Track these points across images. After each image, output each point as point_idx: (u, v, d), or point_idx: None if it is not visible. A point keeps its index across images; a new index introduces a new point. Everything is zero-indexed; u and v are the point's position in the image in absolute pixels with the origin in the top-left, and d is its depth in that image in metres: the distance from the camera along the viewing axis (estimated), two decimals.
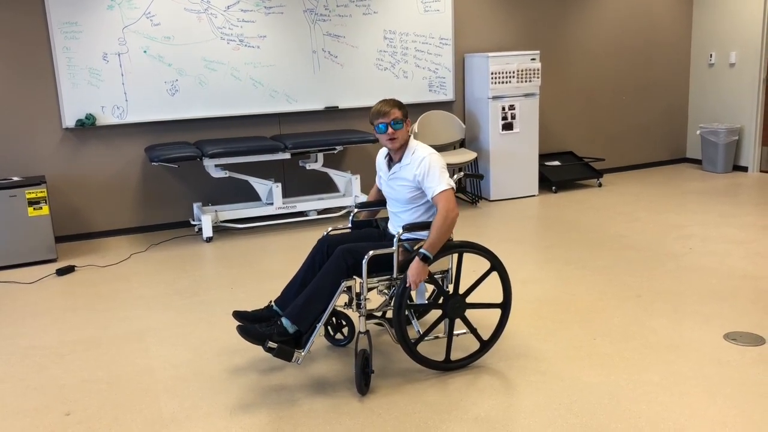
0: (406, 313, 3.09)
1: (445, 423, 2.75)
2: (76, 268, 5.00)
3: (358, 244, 3.10)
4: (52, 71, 5.49)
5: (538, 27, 7.17)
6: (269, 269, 4.82)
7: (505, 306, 3.26)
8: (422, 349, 3.18)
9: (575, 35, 7.37)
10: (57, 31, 5.42)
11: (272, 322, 3.03)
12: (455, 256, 3.19)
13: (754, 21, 7.24)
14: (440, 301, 3.19)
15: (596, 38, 7.47)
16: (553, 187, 6.96)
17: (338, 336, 3.57)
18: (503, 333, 3.43)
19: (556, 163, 7.23)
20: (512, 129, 6.64)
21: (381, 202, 3.47)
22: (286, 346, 2.92)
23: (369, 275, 3.01)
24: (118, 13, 5.57)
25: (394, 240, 3.06)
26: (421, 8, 6.56)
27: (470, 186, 6.86)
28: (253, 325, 3.00)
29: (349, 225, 3.50)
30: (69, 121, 5.58)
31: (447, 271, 3.25)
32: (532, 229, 5.62)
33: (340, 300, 3.09)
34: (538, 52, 6.67)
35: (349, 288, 3.04)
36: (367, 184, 6.58)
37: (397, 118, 3.10)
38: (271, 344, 2.88)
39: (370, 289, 3.08)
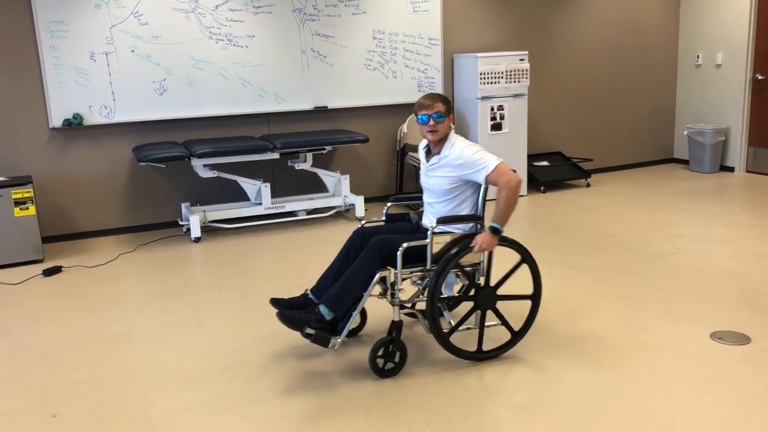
0: (438, 304, 3.17)
1: (429, 426, 2.75)
2: (63, 269, 4.97)
3: (393, 236, 3.19)
4: (38, 70, 5.45)
5: (526, 27, 7.20)
6: (258, 269, 4.81)
7: (535, 297, 3.36)
8: (453, 340, 3.22)
9: (564, 36, 7.40)
10: (44, 30, 5.38)
11: (309, 310, 3.11)
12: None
13: (740, 22, 7.30)
14: (472, 294, 3.26)
15: (584, 39, 7.51)
16: (542, 188, 6.99)
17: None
18: (487, 333, 3.44)
19: (545, 163, 7.26)
20: (501, 129, 6.66)
21: (419, 196, 3.58)
22: (324, 333, 3.02)
23: (403, 266, 3.10)
24: (106, 12, 5.54)
25: (428, 233, 3.13)
26: (410, 8, 6.57)
27: None
28: (292, 312, 3.09)
29: (383, 218, 3.59)
30: (56, 121, 5.54)
31: (479, 264, 3.28)
32: (521, 230, 5.63)
33: (375, 290, 3.16)
34: (526, 52, 6.69)
35: (383, 279, 3.12)
36: (356, 183, 6.59)
37: (440, 112, 3.20)
38: (309, 330, 2.99)
39: (403, 280, 3.16)
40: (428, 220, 3.34)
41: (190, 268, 4.91)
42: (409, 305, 3.27)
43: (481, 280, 3.27)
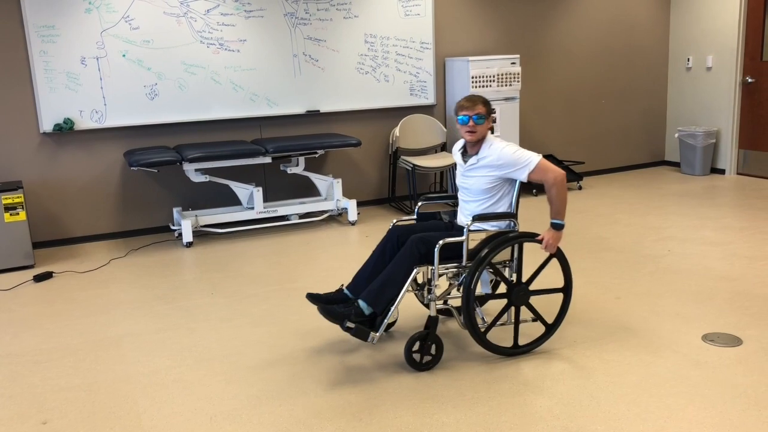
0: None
1: (425, 428, 2.74)
2: (54, 275, 4.94)
3: (431, 233, 3.26)
4: (29, 75, 5.43)
5: (518, 31, 7.22)
6: (250, 274, 4.80)
7: (566, 290, 3.43)
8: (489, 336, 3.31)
9: (555, 39, 7.42)
10: (34, 34, 5.36)
11: (349, 304, 3.18)
12: (513, 249, 3.35)
13: (730, 25, 7.34)
14: (506, 291, 3.32)
15: (576, 42, 7.53)
16: (534, 191, 7.00)
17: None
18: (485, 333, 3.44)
19: None
20: (493, 133, 6.65)
21: (453, 195, 3.68)
22: (363, 327, 3.09)
23: (440, 262, 3.16)
24: (96, 16, 5.52)
25: (464, 230, 3.20)
26: (401, 12, 6.58)
27: (452, 190, 6.88)
28: (333, 306, 3.15)
29: (414, 217, 3.66)
30: (46, 126, 5.51)
31: (506, 261, 3.34)
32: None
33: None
34: (518, 56, 6.71)
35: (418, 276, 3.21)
36: (349, 187, 6.59)
37: (481, 113, 3.27)
38: (350, 324, 3.06)
39: (440, 276, 3.22)
40: (464, 218, 3.41)
41: (182, 273, 4.90)
42: (442, 301, 3.35)
43: (513, 277, 3.35)
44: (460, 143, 3.51)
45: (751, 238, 5.17)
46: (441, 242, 3.14)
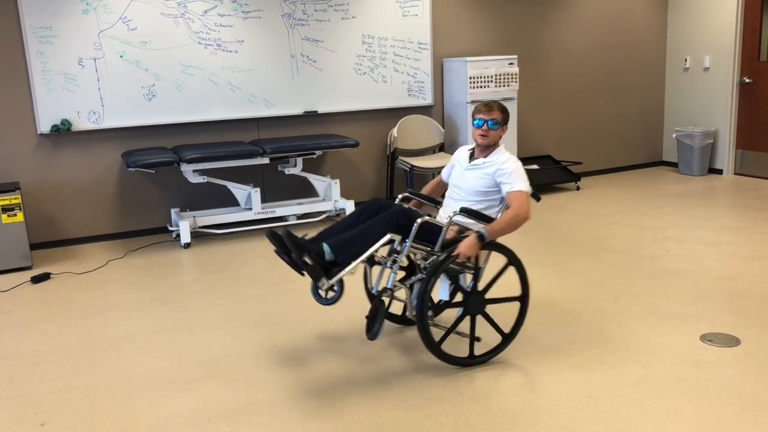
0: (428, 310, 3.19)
1: (424, 428, 2.74)
2: (51, 276, 4.93)
3: (415, 209, 3.24)
4: (26, 76, 5.42)
5: (515, 32, 7.22)
6: (248, 275, 4.79)
7: (523, 299, 3.35)
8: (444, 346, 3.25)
9: (552, 40, 7.43)
10: (31, 35, 5.36)
11: (312, 243, 3.09)
12: (488, 255, 3.31)
13: (727, 25, 7.35)
14: (461, 299, 3.27)
15: (573, 43, 7.54)
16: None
17: (329, 294, 3.50)
18: (484, 336, 3.44)
19: (535, 167, 7.28)
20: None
21: (433, 199, 3.64)
22: (320, 268, 3.00)
23: (414, 240, 3.12)
24: (94, 17, 5.52)
25: (448, 217, 3.19)
26: (399, 13, 6.58)
27: None
28: (297, 236, 3.04)
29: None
30: (44, 127, 5.51)
31: (479, 268, 3.29)
32: (510, 234, 5.63)
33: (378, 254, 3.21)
34: (516, 56, 6.71)
35: (391, 242, 3.13)
36: (347, 188, 6.59)
37: (497, 119, 3.31)
38: (308, 259, 2.97)
39: (407, 257, 3.19)
40: (446, 212, 3.39)
41: (180, 274, 4.89)
42: (394, 290, 3.25)
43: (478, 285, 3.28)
44: (471, 145, 3.51)
45: (749, 238, 5.18)
46: (421, 219, 3.11)
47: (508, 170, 3.26)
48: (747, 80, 7.31)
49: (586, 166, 7.84)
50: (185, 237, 5.54)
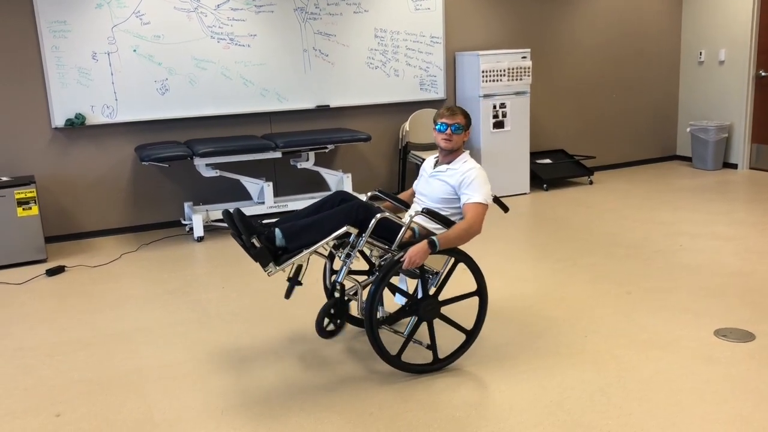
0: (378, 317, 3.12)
1: (436, 421, 2.75)
2: (66, 269, 4.98)
3: (375, 205, 3.17)
4: (41, 70, 5.46)
5: (528, 25, 7.18)
6: (260, 269, 4.80)
7: (481, 292, 3.26)
8: (405, 354, 3.19)
9: (566, 33, 7.38)
10: (46, 30, 5.39)
11: (265, 227, 3.03)
12: (448, 261, 3.23)
13: (743, 18, 7.27)
14: (412, 307, 3.16)
15: (587, 36, 7.49)
16: (545, 185, 6.98)
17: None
18: (494, 331, 3.43)
19: (548, 161, 7.25)
20: (503, 127, 6.65)
21: (405, 203, 3.56)
22: (268, 253, 2.89)
23: (371, 235, 3.03)
24: (107, 12, 5.54)
25: (407, 216, 3.14)
26: (411, 7, 6.56)
27: None
28: (249, 217, 2.96)
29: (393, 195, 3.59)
30: (58, 121, 5.54)
31: (437, 273, 3.23)
32: (523, 227, 5.63)
33: (328, 247, 3.17)
34: (528, 50, 6.67)
35: (348, 235, 3.03)
36: (359, 181, 6.59)
37: (460, 124, 3.27)
38: (256, 242, 2.88)
39: (362, 252, 3.13)
40: (409, 214, 3.29)
41: (193, 268, 4.92)
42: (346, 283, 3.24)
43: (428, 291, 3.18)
44: (435, 155, 3.44)
45: (764, 232, 5.13)
46: (381, 215, 3.02)
47: (468, 179, 3.17)
48: (763, 73, 7.23)
49: (599, 160, 7.80)
50: (198, 230, 5.56)
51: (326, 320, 3.40)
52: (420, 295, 3.17)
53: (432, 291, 3.20)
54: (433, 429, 2.70)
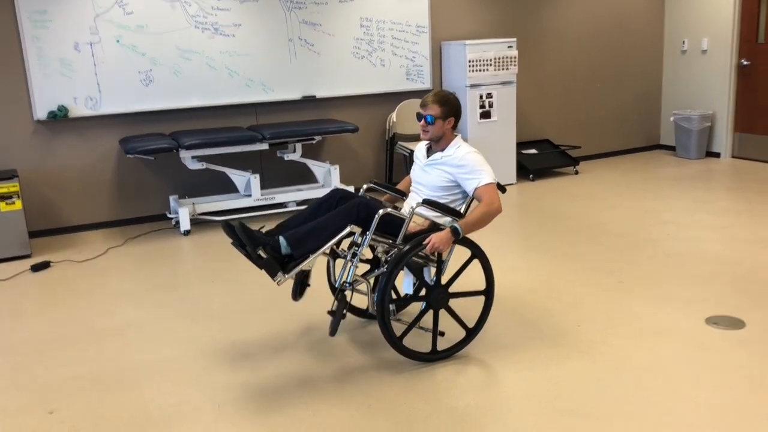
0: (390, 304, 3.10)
1: (435, 412, 2.75)
2: (51, 264, 4.90)
3: (375, 201, 3.15)
4: (21, 61, 5.35)
5: (514, 14, 7.18)
6: (249, 262, 4.76)
7: (488, 292, 3.27)
8: (407, 341, 3.17)
9: (551, 23, 7.39)
10: (26, 20, 5.28)
11: (269, 237, 3.01)
12: (451, 248, 3.20)
13: (725, 8, 7.33)
14: (424, 293, 3.18)
15: (571, 26, 7.51)
16: (531, 176, 7.00)
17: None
18: (488, 322, 3.44)
19: (533, 151, 7.27)
20: (490, 117, 6.65)
21: (402, 192, 3.53)
22: (275, 262, 2.90)
23: (375, 232, 3.02)
24: (90, 1, 5.44)
25: (410, 208, 3.11)
26: None
27: None
28: (252, 230, 2.95)
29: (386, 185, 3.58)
30: (40, 113, 5.44)
31: (444, 261, 3.21)
32: (511, 218, 5.64)
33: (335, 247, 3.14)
34: (514, 39, 6.67)
35: (352, 234, 3.03)
36: (346, 173, 6.56)
37: (433, 115, 3.22)
38: (263, 253, 2.88)
39: (371, 248, 3.10)
40: (409, 205, 3.31)
41: (181, 262, 4.87)
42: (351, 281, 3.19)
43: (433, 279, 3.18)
44: (425, 143, 3.42)
45: (749, 220, 5.20)
46: (383, 211, 3.01)
47: (471, 164, 3.15)
48: (745, 62, 7.30)
49: (584, 150, 7.83)
50: (185, 224, 5.51)
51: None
52: (433, 283, 3.16)
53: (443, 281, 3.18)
54: (432, 419, 2.70)
